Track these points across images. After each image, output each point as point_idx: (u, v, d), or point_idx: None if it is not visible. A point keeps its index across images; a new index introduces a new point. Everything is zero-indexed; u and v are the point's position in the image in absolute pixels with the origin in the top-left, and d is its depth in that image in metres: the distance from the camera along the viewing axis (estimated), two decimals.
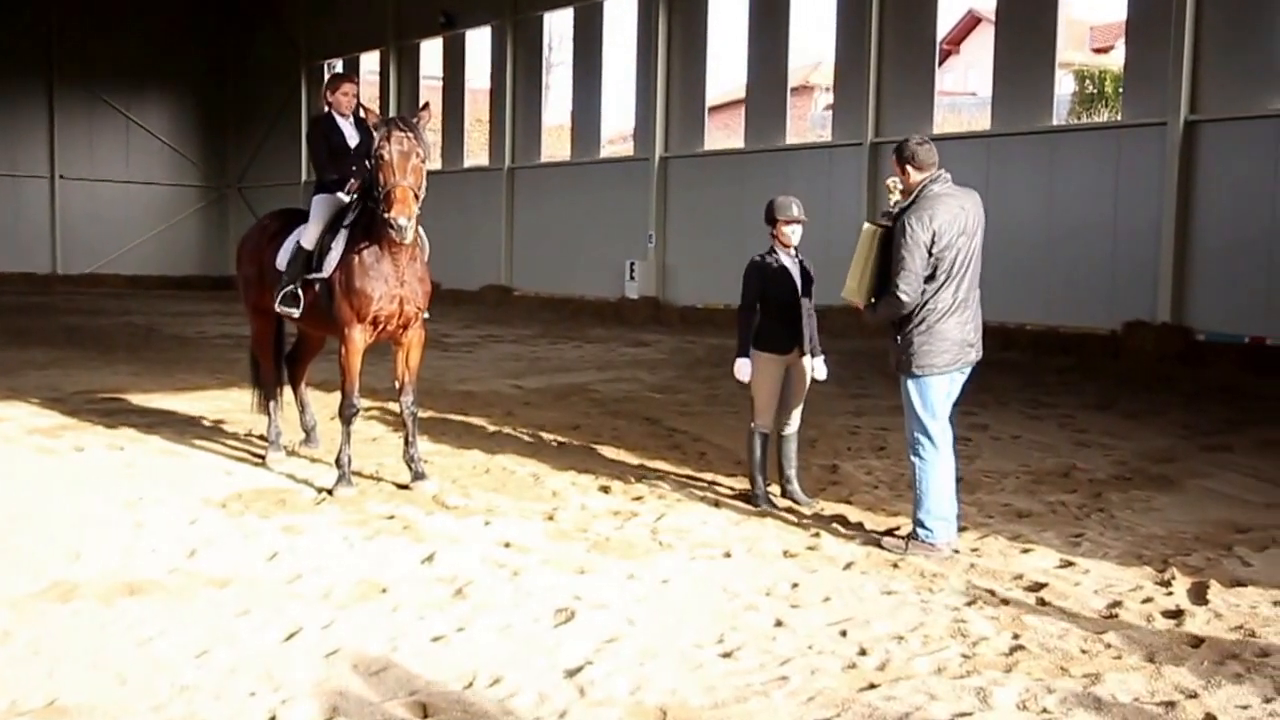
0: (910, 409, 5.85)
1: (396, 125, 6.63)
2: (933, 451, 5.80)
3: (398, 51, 29.15)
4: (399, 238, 6.55)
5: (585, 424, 9.88)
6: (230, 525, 6.31)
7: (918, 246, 5.58)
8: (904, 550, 5.79)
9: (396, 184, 6.49)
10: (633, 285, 22.89)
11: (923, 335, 5.68)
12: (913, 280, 5.60)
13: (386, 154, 6.54)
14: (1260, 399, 11.73)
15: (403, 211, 6.44)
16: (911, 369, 5.74)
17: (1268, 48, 14.32)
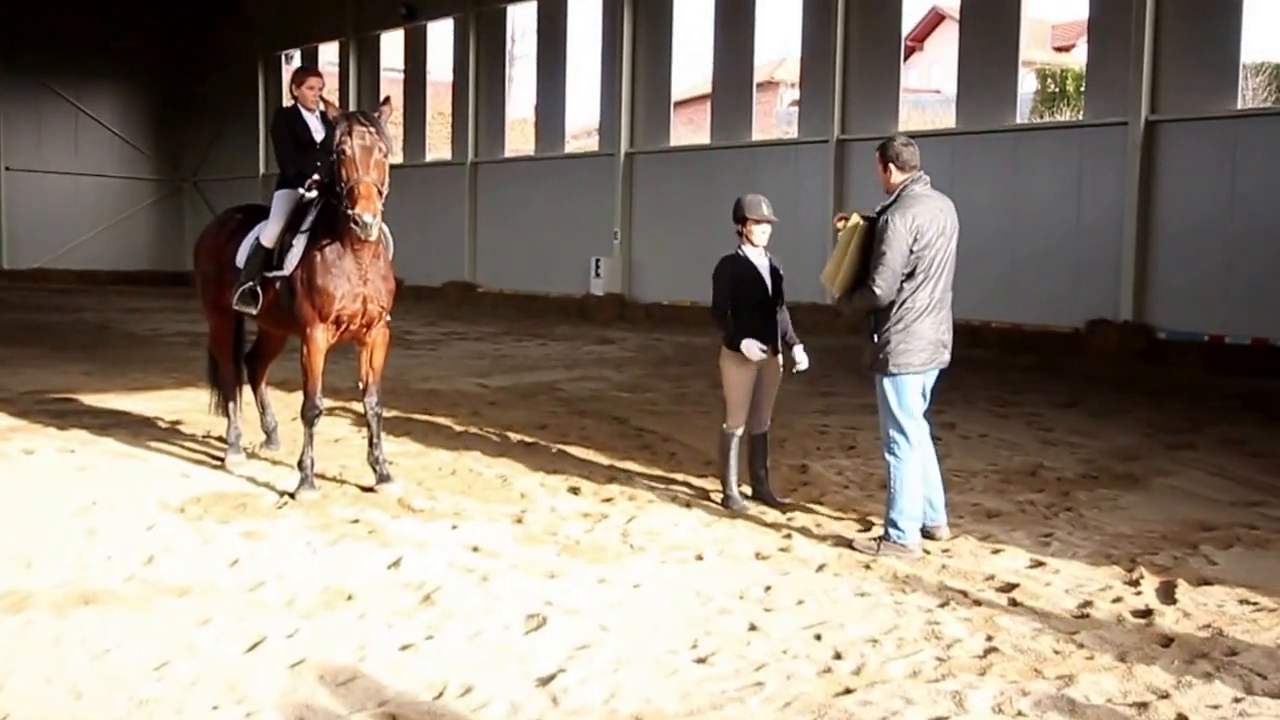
0: (886, 408, 5.90)
1: (358, 119, 6.56)
2: (907, 450, 5.85)
3: (357, 43, 28.92)
4: (363, 235, 6.48)
5: (552, 423, 9.84)
6: (189, 531, 6.22)
7: (899, 243, 5.66)
8: (876, 551, 5.83)
9: (360, 180, 6.42)
10: (598, 282, 22.85)
11: (900, 334, 5.75)
12: (889, 276, 5.67)
13: (348, 149, 6.46)
14: (1220, 397, 11.89)
15: (367, 208, 6.37)
16: (889, 368, 5.79)
17: (1226, 49, 14.54)
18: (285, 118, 7.56)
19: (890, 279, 5.67)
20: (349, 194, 6.44)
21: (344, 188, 6.48)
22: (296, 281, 6.95)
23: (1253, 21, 14.64)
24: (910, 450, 5.85)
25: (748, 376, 6.79)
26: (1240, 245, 14.28)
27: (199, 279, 8.12)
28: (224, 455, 8.03)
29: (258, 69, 32.07)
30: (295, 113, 7.54)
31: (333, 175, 6.61)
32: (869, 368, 5.95)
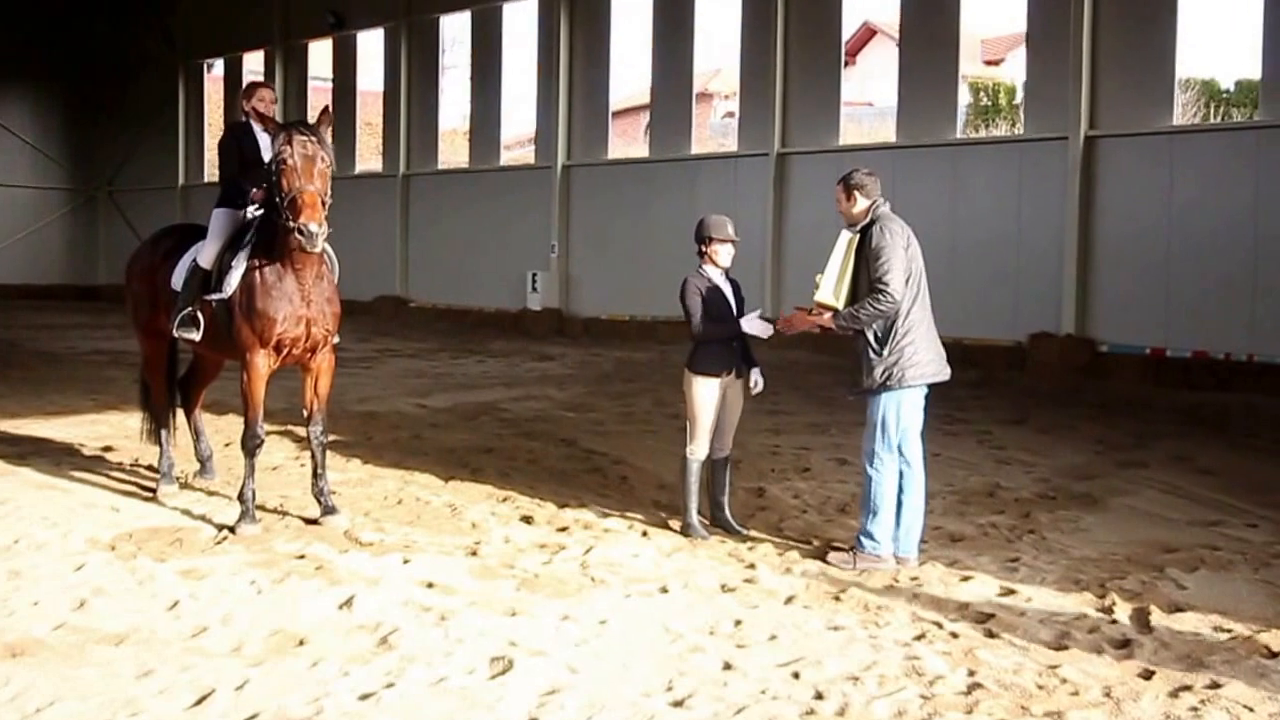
0: (880, 422, 5.97)
1: (297, 129, 6.34)
2: (890, 465, 5.98)
3: (284, 52, 28.40)
4: (309, 246, 6.20)
5: (499, 447, 9.64)
6: (122, 571, 5.92)
7: (898, 248, 5.84)
8: (851, 565, 5.90)
9: (303, 189, 6.18)
10: (535, 296, 22.64)
11: (910, 345, 5.88)
12: (899, 277, 5.81)
13: (289, 158, 6.23)
14: (1164, 411, 12.09)
15: (312, 217, 6.13)
16: (904, 380, 5.89)
17: (1162, 65, 14.83)
18: (235, 134, 7.28)
19: (900, 280, 5.81)
20: (291, 205, 6.19)
21: (285, 199, 6.23)
22: (235, 305, 6.69)
23: (1186, 38, 14.93)
24: (891, 465, 5.97)
25: (715, 399, 6.68)
26: (1179, 259, 14.54)
27: (130, 300, 7.79)
28: (155, 486, 7.72)
29: (178, 78, 31.35)
30: (247, 129, 7.26)
31: (273, 187, 6.35)
32: (875, 387, 5.94)
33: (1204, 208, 14.39)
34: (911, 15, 17.44)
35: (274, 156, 6.29)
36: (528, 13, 23.27)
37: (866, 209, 6.09)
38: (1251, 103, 20.28)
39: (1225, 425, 11.11)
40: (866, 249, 5.95)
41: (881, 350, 5.93)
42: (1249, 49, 22.07)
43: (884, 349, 5.92)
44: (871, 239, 5.91)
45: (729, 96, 40.25)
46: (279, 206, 6.30)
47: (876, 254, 5.85)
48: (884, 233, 5.89)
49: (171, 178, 31.72)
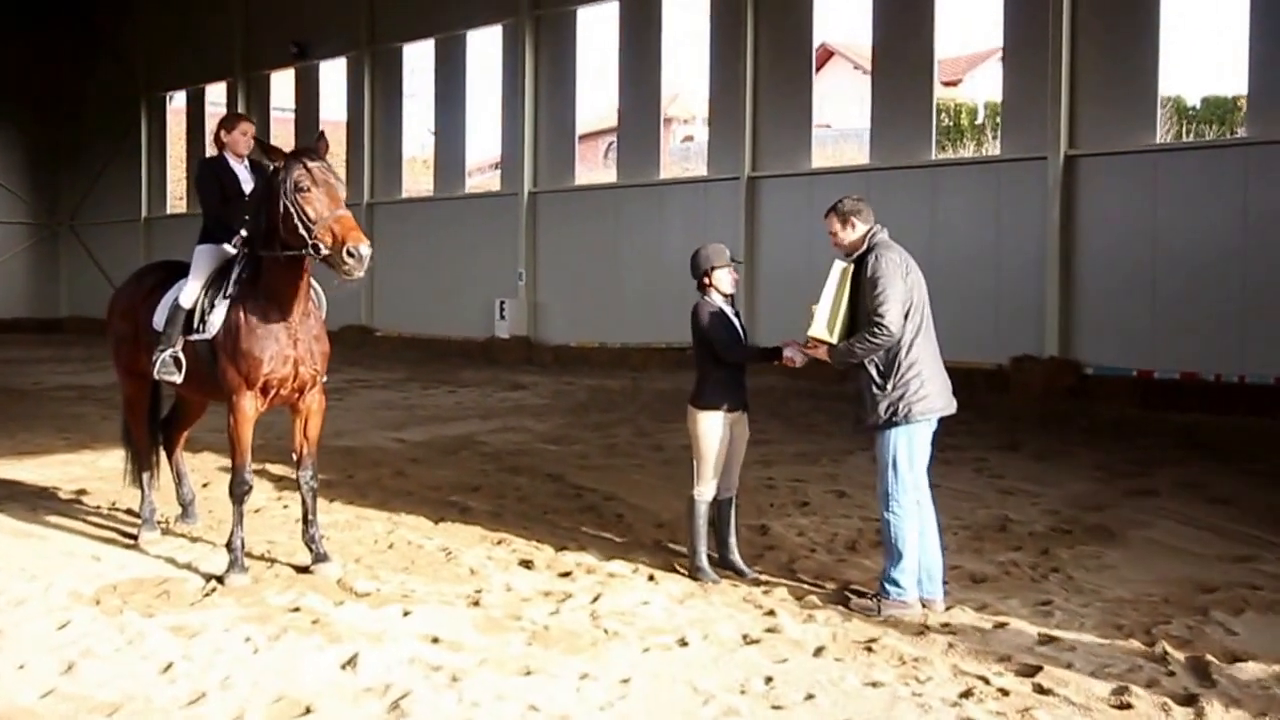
0: (891, 461, 5.66)
1: (308, 155, 5.99)
2: (908, 505, 5.66)
3: (246, 83, 27.87)
4: (358, 270, 5.79)
5: (485, 484, 9.26)
6: (108, 628, 5.50)
7: (896, 277, 5.54)
8: (876, 612, 5.59)
9: (338, 214, 5.86)
10: (503, 324, 22.24)
11: (916, 378, 5.59)
12: (897, 309, 5.50)
13: (308, 183, 5.88)
14: (1157, 434, 11.90)
15: (361, 239, 5.78)
16: (912, 415, 5.58)
17: (1143, 84, 14.70)
18: (212, 168, 6.89)
19: (898, 312, 5.50)
20: (327, 232, 5.82)
21: (314, 226, 5.85)
22: (219, 345, 6.29)
23: (1168, 57, 14.83)
24: (911, 504, 5.66)
25: (722, 436, 6.37)
26: (1165, 278, 14.36)
27: (112, 340, 7.35)
28: (136, 532, 7.28)
29: (140, 110, 30.69)
30: (223, 163, 6.89)
31: (282, 217, 5.97)
32: (880, 424, 5.65)
33: (1189, 226, 14.24)
34: (884, 36, 17.33)
35: (289, 183, 5.93)
36: (492, 40, 22.96)
37: (862, 237, 5.81)
38: (1219, 119, 20.45)
39: (1225, 450, 10.92)
40: (863, 278, 5.66)
41: (885, 385, 5.63)
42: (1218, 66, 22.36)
43: (887, 383, 5.63)
44: (868, 268, 5.61)
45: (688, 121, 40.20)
46: (301, 238, 5.92)
47: (874, 284, 5.56)
48: (881, 261, 5.59)
49: (134, 210, 31.04)
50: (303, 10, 25.96)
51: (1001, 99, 16.61)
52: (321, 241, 5.84)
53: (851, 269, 5.77)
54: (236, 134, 6.86)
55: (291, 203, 5.91)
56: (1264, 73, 13.79)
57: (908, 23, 16.85)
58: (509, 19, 21.96)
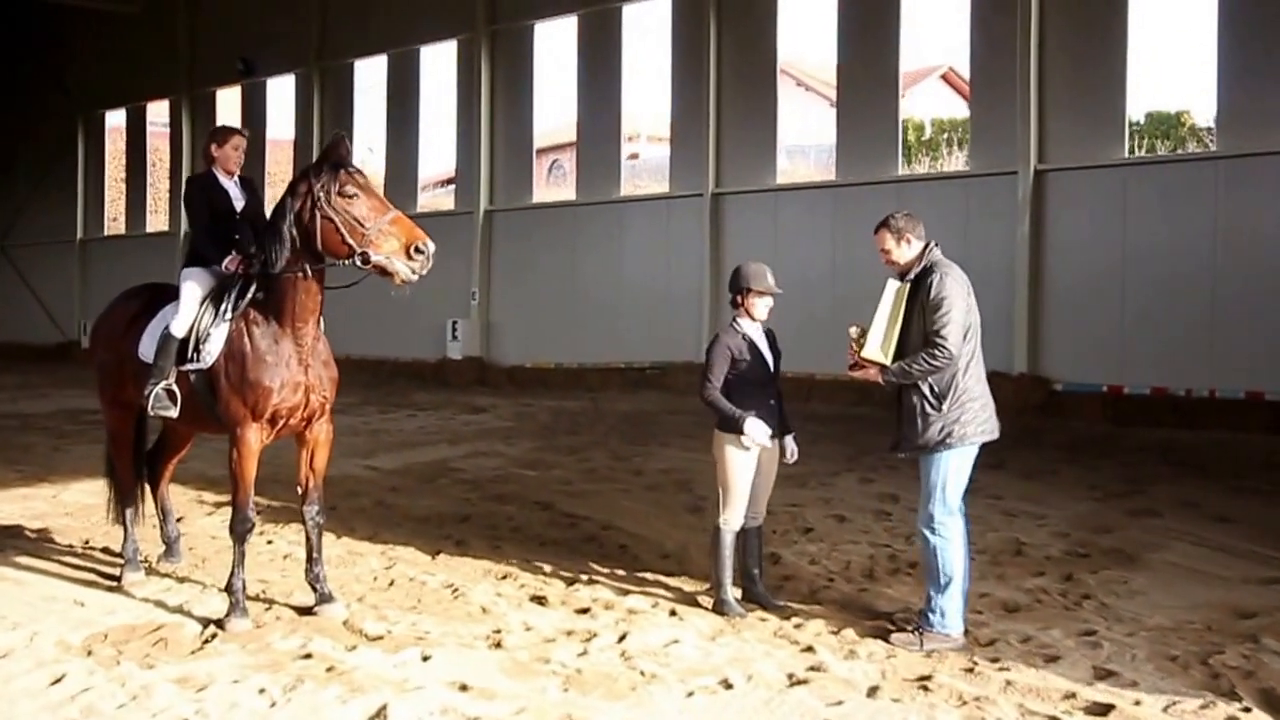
0: (939, 484, 5.50)
1: (342, 161, 5.73)
2: (956, 530, 5.52)
3: (190, 101, 27.17)
4: (421, 269, 5.63)
5: (473, 513, 8.93)
6: (108, 682, 5.09)
7: (960, 300, 5.45)
8: (918, 646, 5.40)
9: (395, 215, 5.66)
10: (455, 345, 21.83)
11: (972, 401, 5.49)
12: (958, 332, 5.40)
13: (354, 189, 5.63)
14: (1135, 450, 11.92)
15: (425, 236, 5.59)
16: (965, 438, 5.45)
17: (1111, 98, 14.78)
18: (200, 186, 6.50)
19: (958, 335, 5.40)
20: (381, 237, 5.59)
21: (365, 231, 5.60)
22: (220, 375, 5.91)
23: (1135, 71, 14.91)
24: (957, 530, 5.53)
25: (749, 464, 6.13)
26: (1135, 293, 14.44)
27: (97, 370, 6.91)
28: (119, 573, 6.84)
29: (77, 128, 29.75)
30: (211, 180, 6.51)
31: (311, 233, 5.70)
32: (933, 445, 5.47)
33: (1158, 241, 14.32)
34: (848, 52, 17.31)
35: (333, 192, 5.65)
36: (446, 55, 22.57)
37: (920, 254, 5.68)
38: (1164, 134, 20.76)
39: (1206, 466, 10.95)
40: (923, 298, 5.52)
41: (940, 406, 5.48)
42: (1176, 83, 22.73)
43: (942, 405, 5.48)
44: (931, 288, 5.48)
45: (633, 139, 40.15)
46: (345, 246, 5.66)
47: (937, 305, 5.43)
48: (946, 282, 5.48)
49: (70, 231, 30.08)
50: (250, 26, 25.35)
51: (969, 114, 16.69)
52: (374, 247, 5.57)
53: (907, 289, 5.59)
54: (228, 149, 6.49)
55: (336, 210, 5.61)
56: (1232, 88, 13.96)
57: (872, 38, 16.86)
58: (464, 34, 21.64)
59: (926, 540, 5.56)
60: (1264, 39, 13.62)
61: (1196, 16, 15.16)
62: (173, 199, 28.27)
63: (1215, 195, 14.04)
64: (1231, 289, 13.82)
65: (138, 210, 29.46)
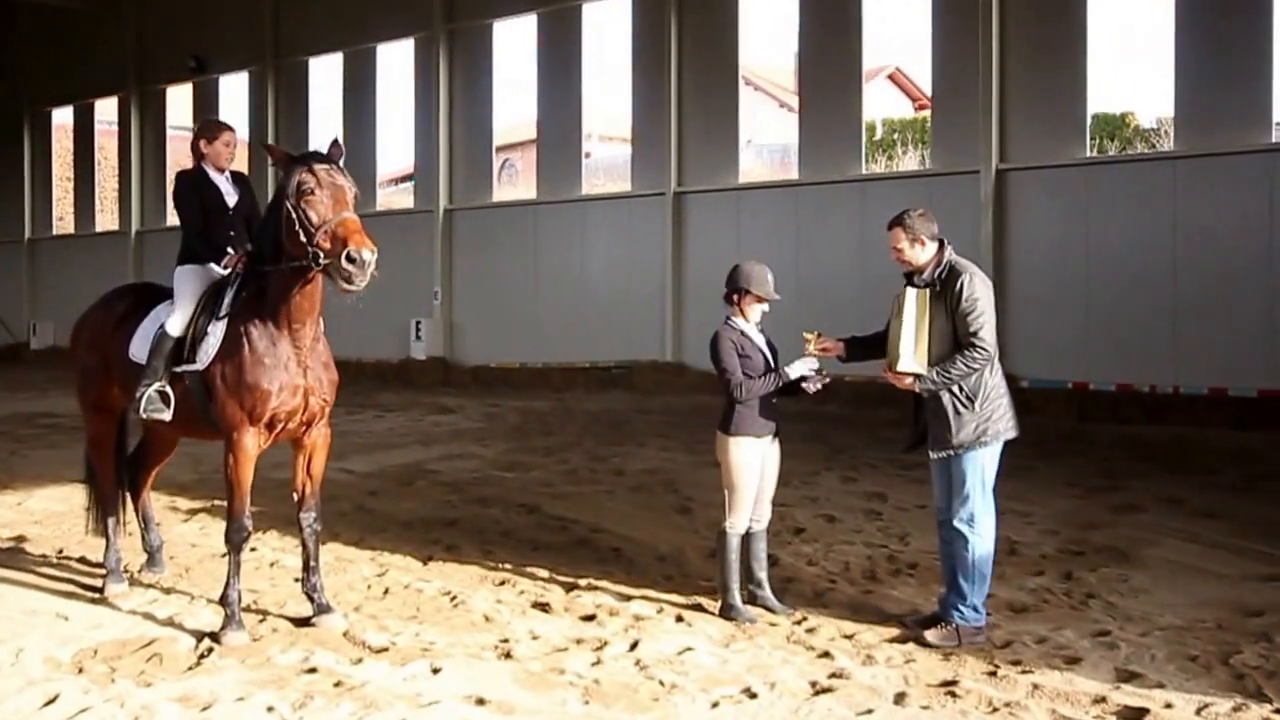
0: (974, 482, 5.50)
1: (314, 158, 5.45)
2: (990, 526, 5.54)
3: (140, 98, 26.48)
4: (359, 279, 5.20)
5: (459, 518, 8.71)
6: (105, 702, 4.84)
7: (989, 301, 5.50)
8: (956, 641, 5.42)
9: (342, 217, 5.26)
10: (419, 345, 21.50)
11: (1001, 398, 5.53)
12: (992, 330, 5.45)
13: (312, 186, 5.29)
14: (1105, 446, 11.97)
15: (363, 243, 5.17)
16: (998, 434, 5.51)
17: (1073, 98, 14.86)
18: (190, 182, 6.21)
19: (993, 333, 5.46)
20: (330, 236, 5.23)
21: (315, 232, 5.26)
22: (216, 378, 5.65)
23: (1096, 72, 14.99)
24: (991, 527, 5.55)
25: (754, 465, 6.00)
26: (1098, 291, 14.51)
27: (79, 372, 6.60)
28: (102, 584, 6.56)
29: (23, 126, 28.87)
30: (202, 176, 6.23)
31: (284, 225, 5.40)
32: (968, 444, 5.46)
33: (1120, 239, 14.41)
34: (811, 52, 17.26)
35: (293, 186, 5.34)
36: (404, 53, 22.20)
37: (936, 255, 5.64)
38: (1108, 135, 20.99)
39: (1178, 461, 11.00)
40: (951, 303, 5.49)
41: (973, 405, 5.49)
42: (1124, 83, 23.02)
43: (974, 403, 5.48)
44: (962, 292, 5.46)
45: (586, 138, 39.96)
46: (302, 246, 5.33)
47: (970, 307, 5.44)
48: (976, 283, 5.50)
49: (17, 231, 29.24)
50: (201, 22, 24.76)
51: (931, 114, 16.72)
52: (320, 248, 5.25)
53: (928, 295, 5.51)
54: (219, 145, 6.22)
55: (294, 208, 5.33)
56: (1189, 90, 14.09)
57: (835, 37, 16.82)
58: (422, 32, 21.30)
59: (965, 538, 5.52)
60: (1220, 41, 13.77)
61: (1153, 19, 15.31)
62: (122, 198, 27.55)
63: (1174, 194, 14.18)
64: (1193, 286, 13.95)
65: (86, 209, 28.71)
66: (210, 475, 10.52)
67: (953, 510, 5.57)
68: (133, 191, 26.74)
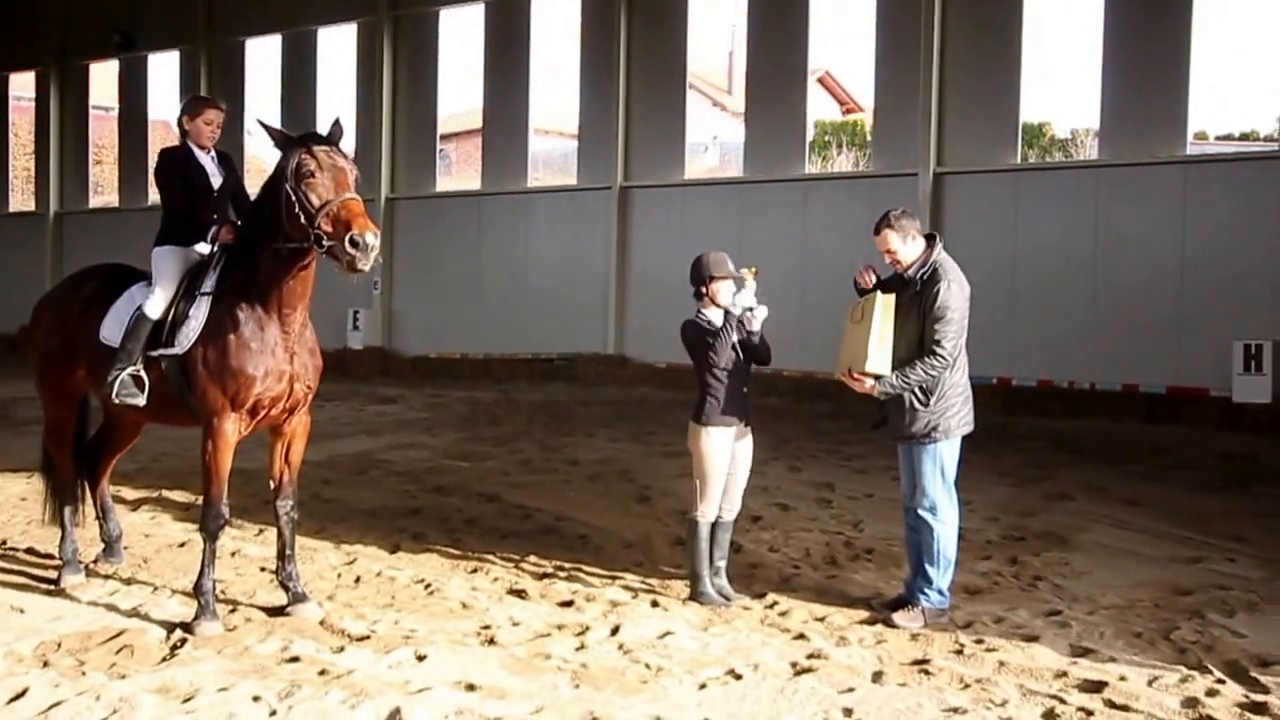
0: (935, 473, 5.67)
1: (313, 138, 5.36)
2: (951, 513, 5.69)
3: (60, 74, 25.50)
4: (361, 263, 5.11)
5: (421, 507, 8.64)
6: (78, 695, 4.71)
7: (963, 309, 5.60)
8: (921, 621, 5.58)
9: (344, 199, 5.19)
10: (357, 335, 21.17)
11: (956, 397, 5.67)
12: (954, 343, 5.55)
13: (313, 168, 5.21)
14: (1029, 439, 12.28)
15: (366, 226, 5.10)
16: (949, 432, 5.65)
17: (1006, 106, 15.23)
18: (174, 159, 6.02)
19: (957, 345, 5.55)
20: (331, 219, 5.14)
21: (316, 214, 5.17)
22: (197, 362, 5.52)
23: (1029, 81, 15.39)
24: (953, 513, 5.71)
25: (725, 454, 6.06)
26: (1024, 291, 14.87)
27: (38, 356, 6.38)
28: (58, 575, 6.37)
29: None
30: (187, 153, 6.04)
31: (283, 206, 5.30)
32: (923, 436, 5.63)
33: (1046, 242, 14.81)
34: (759, 51, 17.36)
35: (291, 167, 5.25)
36: (346, 37, 21.80)
37: (923, 253, 5.73)
38: (1029, 144, 21.55)
39: (1098, 453, 11.36)
40: (927, 304, 5.60)
41: (927, 401, 5.64)
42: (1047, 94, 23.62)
43: (929, 399, 5.64)
44: (938, 297, 5.56)
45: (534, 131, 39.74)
46: (303, 228, 5.23)
47: (941, 315, 5.54)
48: (953, 291, 5.59)
49: None
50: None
51: (873, 118, 16.99)
52: (322, 231, 5.17)
53: (893, 300, 5.66)
54: (200, 122, 6.05)
55: (294, 190, 5.24)
56: (1114, 102, 14.56)
57: (781, 38, 16.95)
58: (365, 17, 20.92)
59: (929, 525, 5.67)
60: (1143, 59, 14.26)
61: (1082, 36, 15.78)
62: (39, 178, 26.58)
63: (1097, 201, 14.67)
64: (1111, 289, 14.45)
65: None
66: (150, 464, 10.28)
67: (915, 499, 5.73)
68: (51, 171, 25.81)
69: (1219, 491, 9.25)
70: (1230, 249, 13.73)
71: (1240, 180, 14.00)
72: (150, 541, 7.43)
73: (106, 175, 28.51)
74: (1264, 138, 22.17)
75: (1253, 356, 13.19)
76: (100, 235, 23.99)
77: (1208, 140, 23.88)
